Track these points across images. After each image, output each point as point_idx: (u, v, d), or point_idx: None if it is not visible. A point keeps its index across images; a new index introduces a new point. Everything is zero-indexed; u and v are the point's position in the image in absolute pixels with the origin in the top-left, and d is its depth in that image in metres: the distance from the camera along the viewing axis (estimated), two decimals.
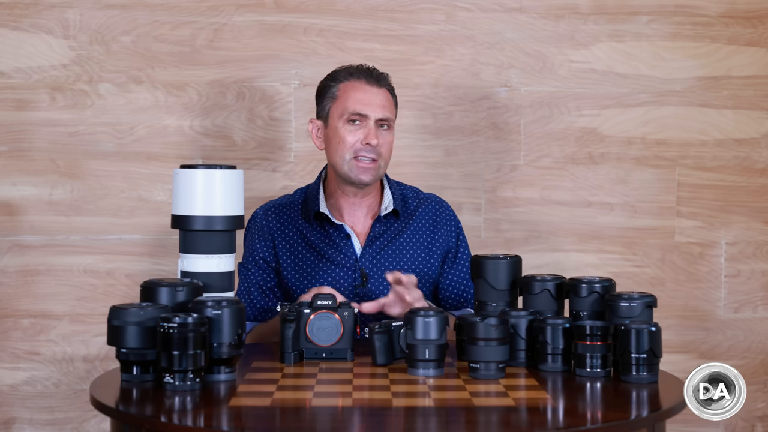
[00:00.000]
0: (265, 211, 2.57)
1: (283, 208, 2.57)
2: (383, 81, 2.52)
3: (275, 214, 2.56)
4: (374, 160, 2.47)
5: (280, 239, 2.53)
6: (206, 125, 2.99)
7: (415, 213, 2.58)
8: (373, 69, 2.53)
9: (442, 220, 2.60)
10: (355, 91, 2.49)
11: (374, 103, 2.48)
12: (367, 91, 2.49)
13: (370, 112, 2.47)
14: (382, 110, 2.48)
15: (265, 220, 2.55)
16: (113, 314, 1.88)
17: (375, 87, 2.49)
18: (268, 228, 2.54)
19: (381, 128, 2.49)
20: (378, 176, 2.49)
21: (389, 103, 2.51)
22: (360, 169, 2.47)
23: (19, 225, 2.96)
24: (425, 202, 2.61)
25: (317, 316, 2.10)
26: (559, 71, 3.06)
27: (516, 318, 2.04)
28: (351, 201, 2.53)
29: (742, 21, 3.09)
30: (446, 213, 2.61)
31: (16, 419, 2.98)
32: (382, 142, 2.47)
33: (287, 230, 2.54)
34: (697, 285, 3.12)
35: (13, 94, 2.95)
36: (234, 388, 1.87)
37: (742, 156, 3.12)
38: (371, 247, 2.51)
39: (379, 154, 2.47)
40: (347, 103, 2.49)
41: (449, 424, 1.73)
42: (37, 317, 2.97)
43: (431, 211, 2.59)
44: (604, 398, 1.88)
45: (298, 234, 2.53)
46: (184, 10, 2.97)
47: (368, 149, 2.46)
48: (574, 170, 3.08)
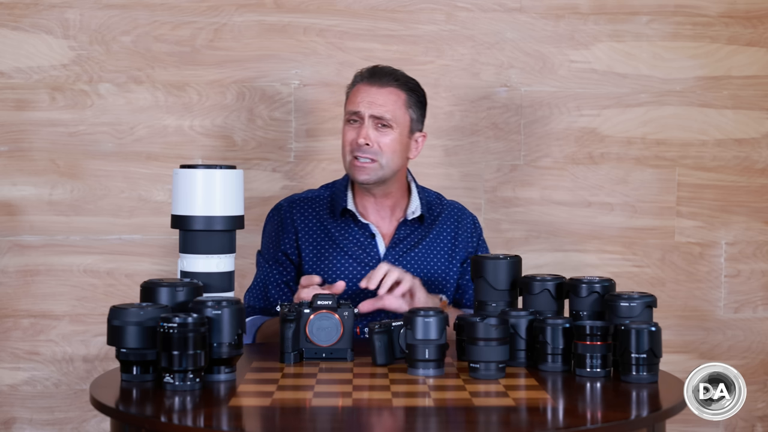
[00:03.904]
0: (290, 203, 2.55)
1: (308, 202, 2.55)
2: (386, 79, 2.48)
3: (300, 207, 2.54)
4: (372, 160, 2.45)
5: (304, 232, 2.51)
6: (206, 125, 2.99)
7: (437, 219, 2.57)
8: (377, 68, 2.51)
9: (463, 227, 2.59)
10: (356, 92, 2.49)
11: (367, 101, 2.46)
12: (365, 91, 2.48)
13: (363, 110, 2.45)
14: (375, 107, 2.45)
15: (289, 212, 2.54)
16: (113, 314, 1.88)
17: (375, 86, 2.47)
18: (292, 220, 2.53)
19: (379, 128, 2.46)
20: (378, 177, 2.46)
21: (390, 102, 2.47)
22: (356, 168, 2.46)
23: (19, 225, 2.96)
24: (448, 209, 2.60)
25: (317, 316, 2.10)
26: (559, 71, 3.06)
27: (516, 318, 2.04)
28: (372, 201, 2.53)
29: (742, 21, 3.09)
30: (467, 221, 2.61)
31: (16, 419, 2.98)
32: (378, 141, 2.45)
33: (311, 224, 2.52)
34: (697, 285, 3.12)
35: (13, 94, 2.95)
36: (234, 388, 1.87)
37: (742, 156, 3.12)
38: (395, 249, 2.50)
39: (375, 153, 2.44)
40: (348, 105, 2.50)
41: (449, 424, 1.73)
42: (37, 317, 2.97)
43: (453, 218, 2.59)
44: (604, 398, 1.88)
45: (322, 229, 2.51)
46: (184, 10, 2.97)
47: (363, 148, 2.44)
48: (574, 170, 3.08)
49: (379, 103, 2.46)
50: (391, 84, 2.48)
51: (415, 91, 2.51)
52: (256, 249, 2.61)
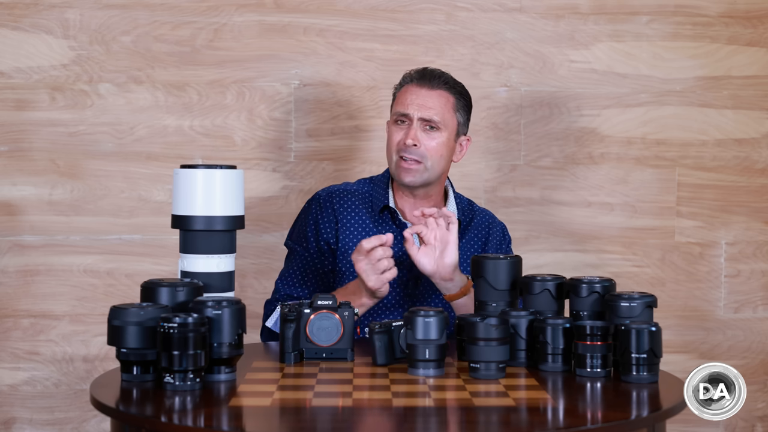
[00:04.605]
0: (329, 194, 2.55)
1: (348, 194, 2.55)
2: (435, 81, 2.49)
3: (340, 198, 2.53)
4: (418, 162, 2.45)
5: (343, 223, 2.51)
6: (206, 125, 2.99)
7: (469, 225, 2.57)
8: (427, 70, 2.51)
9: (493, 235, 2.59)
10: (405, 93, 2.50)
11: (417, 103, 2.46)
12: (415, 92, 2.48)
13: (412, 111, 2.46)
14: (425, 110, 2.46)
15: (329, 202, 2.53)
16: (113, 314, 1.88)
17: (425, 88, 2.48)
18: (333, 210, 2.51)
19: (427, 130, 2.47)
20: (423, 179, 2.47)
21: (438, 105, 2.47)
22: (401, 169, 2.47)
23: (19, 225, 2.96)
24: (479, 216, 2.60)
25: (317, 316, 2.09)
26: (559, 71, 3.06)
27: (516, 318, 2.04)
28: (411, 201, 2.53)
29: (742, 21, 3.09)
30: (497, 229, 2.61)
31: (16, 419, 2.98)
32: (425, 143, 2.45)
33: (351, 216, 2.52)
34: (697, 285, 3.12)
35: (13, 94, 2.95)
36: (234, 388, 1.87)
37: (742, 156, 3.12)
38: None
39: (422, 155, 2.45)
40: (396, 106, 2.51)
41: (449, 424, 1.73)
42: (37, 317, 2.97)
43: (484, 226, 2.59)
44: (604, 398, 1.88)
45: (360, 222, 2.51)
46: (184, 10, 2.97)
47: (410, 150, 2.45)
48: (574, 170, 3.08)
49: (429, 105, 2.47)
50: (441, 87, 2.49)
51: (463, 95, 2.53)
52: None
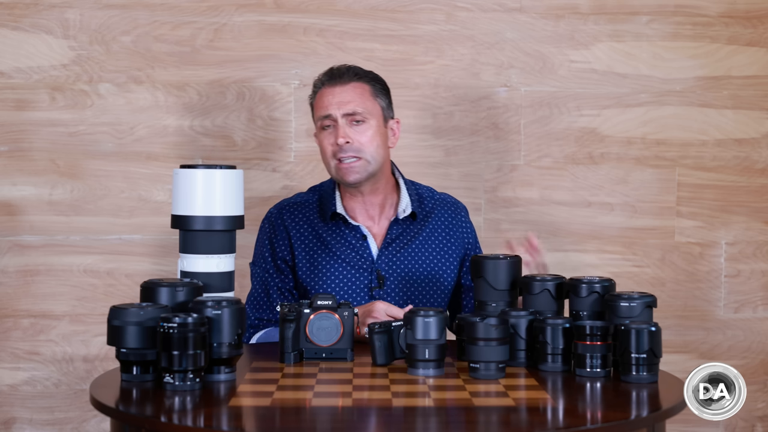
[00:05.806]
0: (279, 210, 2.53)
1: (298, 207, 2.53)
2: (347, 76, 2.47)
3: (290, 212, 2.52)
4: (357, 158, 2.43)
5: (296, 237, 2.49)
6: (206, 125, 2.99)
7: (431, 214, 2.55)
8: (335, 68, 2.49)
9: (458, 222, 2.57)
10: (321, 98, 2.48)
11: (335, 102, 2.44)
12: (330, 93, 2.46)
13: (333, 111, 2.44)
14: (345, 105, 2.43)
15: (280, 218, 2.51)
16: (113, 314, 1.88)
17: (338, 86, 2.46)
18: (284, 226, 2.50)
19: (354, 125, 2.44)
20: (367, 172, 2.44)
21: (357, 96, 2.45)
22: (342, 171, 2.44)
23: (19, 225, 2.96)
24: (441, 204, 2.58)
25: (317, 316, 2.09)
26: (559, 71, 3.06)
27: (516, 318, 2.04)
28: (361, 201, 2.50)
29: (742, 21, 3.09)
30: (462, 215, 2.59)
31: (16, 419, 2.98)
32: (357, 137, 2.43)
33: (303, 229, 2.49)
34: (697, 285, 3.12)
35: (13, 94, 2.95)
36: (234, 388, 1.87)
37: (742, 156, 3.12)
38: (388, 249, 2.48)
39: (358, 150, 2.43)
40: (317, 112, 2.49)
41: (449, 424, 1.73)
42: (37, 317, 2.97)
43: (447, 213, 2.57)
44: (604, 398, 1.88)
45: (313, 233, 2.49)
46: (184, 10, 2.97)
47: (345, 148, 2.42)
48: (574, 170, 3.08)
49: (347, 100, 2.44)
50: (352, 79, 2.47)
51: (377, 80, 2.51)
52: None
